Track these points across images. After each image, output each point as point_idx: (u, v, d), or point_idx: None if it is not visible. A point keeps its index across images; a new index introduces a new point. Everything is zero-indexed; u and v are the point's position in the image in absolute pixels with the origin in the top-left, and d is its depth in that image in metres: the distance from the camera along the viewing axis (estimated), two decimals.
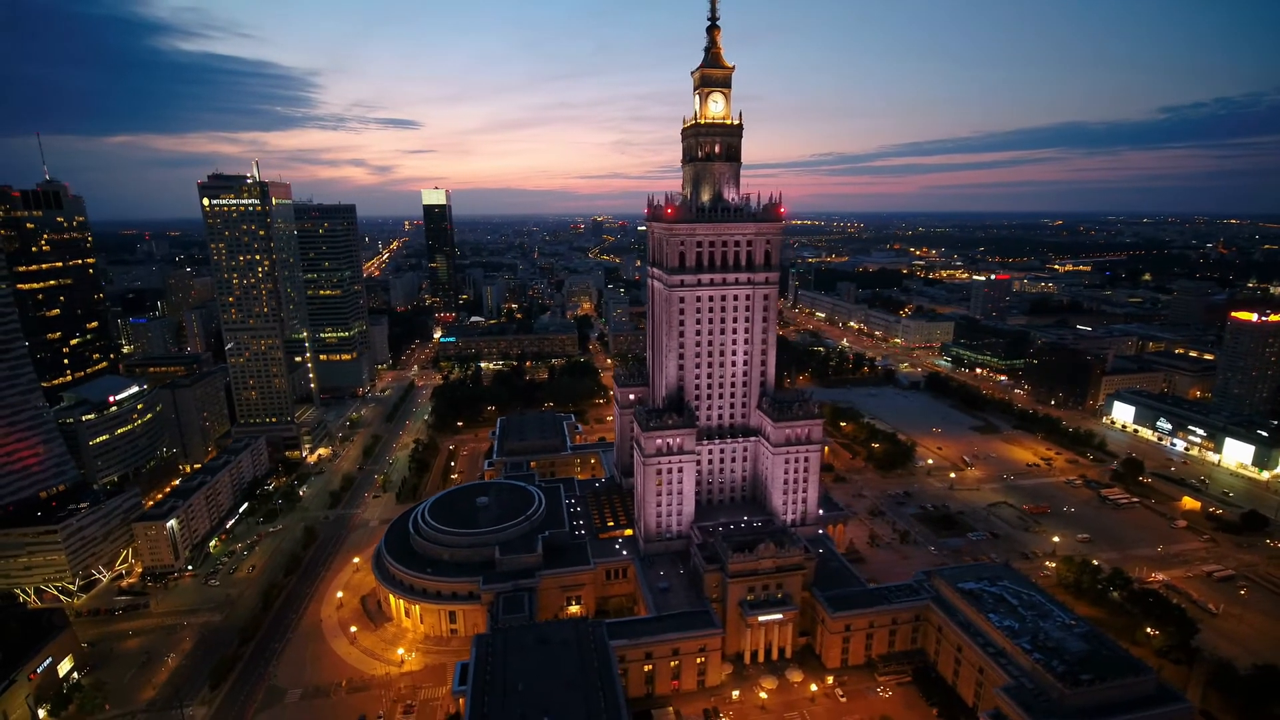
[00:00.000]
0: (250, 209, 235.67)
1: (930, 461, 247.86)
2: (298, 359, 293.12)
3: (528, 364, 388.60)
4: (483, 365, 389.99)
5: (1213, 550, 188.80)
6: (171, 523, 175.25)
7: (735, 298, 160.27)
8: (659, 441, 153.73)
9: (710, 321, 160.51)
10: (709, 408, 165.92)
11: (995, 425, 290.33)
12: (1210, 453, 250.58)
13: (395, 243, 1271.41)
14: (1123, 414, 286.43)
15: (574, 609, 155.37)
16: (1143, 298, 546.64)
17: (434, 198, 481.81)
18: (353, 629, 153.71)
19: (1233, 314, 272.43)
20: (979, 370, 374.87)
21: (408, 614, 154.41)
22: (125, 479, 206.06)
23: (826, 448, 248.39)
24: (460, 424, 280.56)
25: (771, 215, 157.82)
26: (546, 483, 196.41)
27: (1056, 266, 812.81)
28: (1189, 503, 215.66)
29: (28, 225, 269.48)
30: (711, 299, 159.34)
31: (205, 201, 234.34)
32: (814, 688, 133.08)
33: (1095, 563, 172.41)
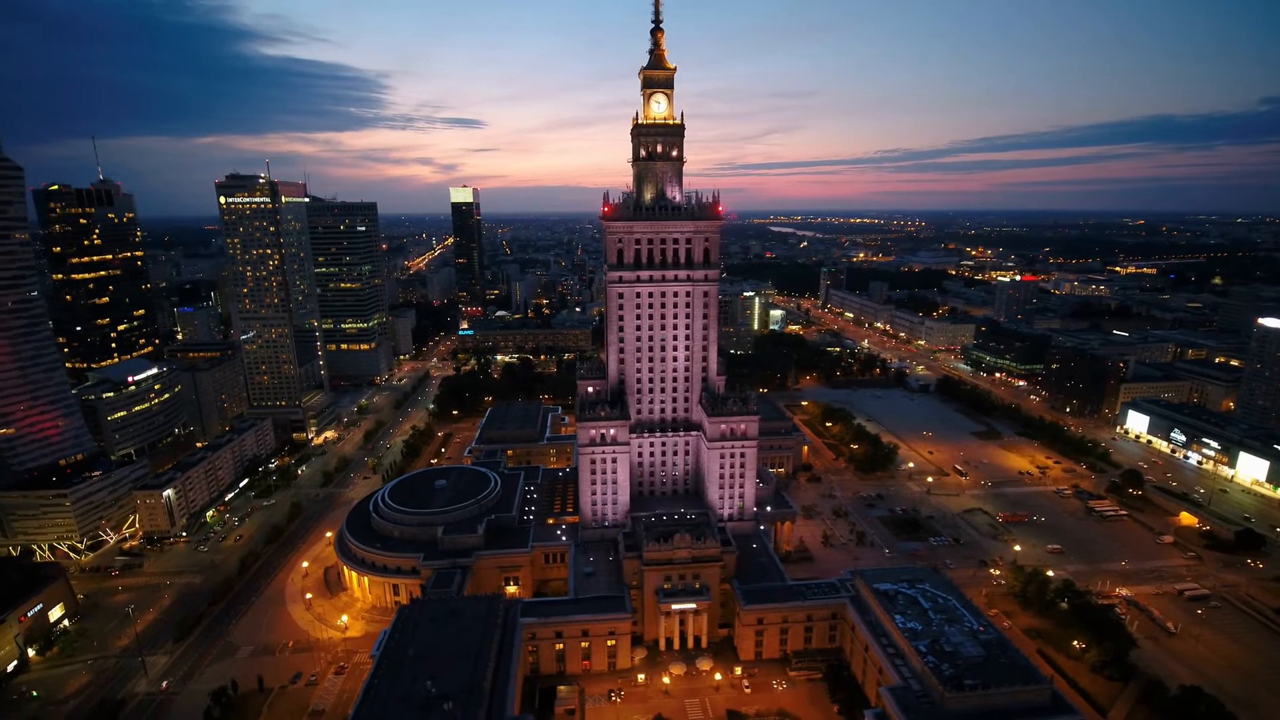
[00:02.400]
0: (261, 206, 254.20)
1: (911, 465, 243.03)
2: (320, 349, 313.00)
3: (541, 357, 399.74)
4: (499, 358, 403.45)
5: (1195, 568, 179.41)
6: (168, 492, 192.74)
7: (675, 294, 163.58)
8: (593, 432, 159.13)
9: (650, 317, 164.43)
10: (650, 401, 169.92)
11: (998, 431, 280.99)
12: (1225, 467, 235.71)
13: (450, 239, 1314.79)
14: (1137, 423, 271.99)
15: (512, 589, 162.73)
16: (1203, 303, 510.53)
17: (461, 196, 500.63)
18: (308, 596, 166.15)
19: (1258, 319, 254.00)
20: (998, 375, 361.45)
21: (360, 585, 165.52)
22: (141, 452, 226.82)
23: (806, 447, 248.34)
24: (455, 413, 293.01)
25: (709, 214, 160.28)
26: (511, 470, 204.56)
27: (1119, 269, 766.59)
28: (1186, 518, 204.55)
29: (81, 220, 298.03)
30: (651, 295, 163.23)
31: (221, 199, 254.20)
32: (719, 677, 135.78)
33: (1050, 573, 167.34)
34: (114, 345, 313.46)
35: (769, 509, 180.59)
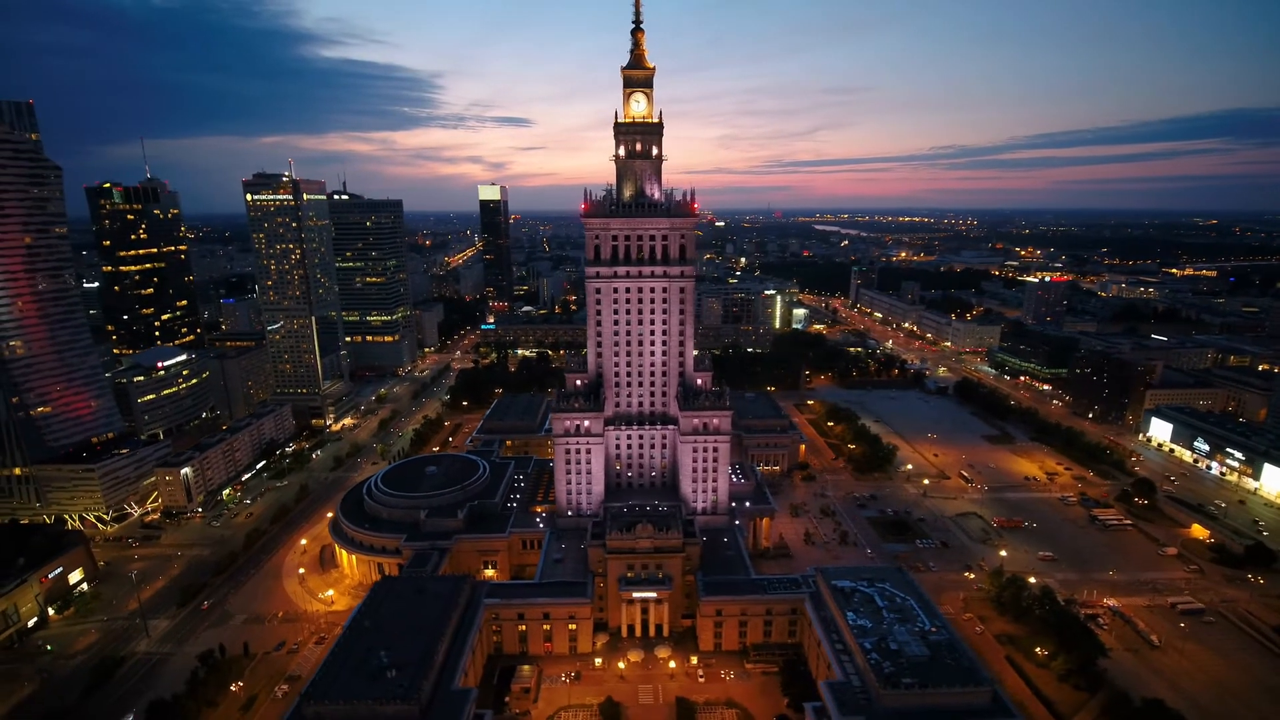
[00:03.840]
0: (284, 204, 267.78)
1: (910, 467, 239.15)
2: (347, 339, 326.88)
3: (560, 352, 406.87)
4: (520, 352, 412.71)
5: (1195, 581, 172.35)
6: (186, 470, 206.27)
7: (652, 290, 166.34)
8: (567, 423, 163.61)
9: (627, 312, 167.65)
10: (628, 395, 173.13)
11: (1011, 436, 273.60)
12: (1249, 479, 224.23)
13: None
14: (1160, 431, 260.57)
15: (490, 572, 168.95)
16: (1260, 307, 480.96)
17: (489, 193, 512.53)
18: (301, 571, 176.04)
19: None
20: (1022, 378, 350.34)
21: (349, 562, 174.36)
22: (169, 433, 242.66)
23: (804, 446, 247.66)
24: (465, 404, 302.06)
25: (684, 211, 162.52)
26: (503, 459, 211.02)
27: (1175, 270, 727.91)
28: (1198, 530, 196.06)
29: (128, 217, 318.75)
30: (629, 290, 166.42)
31: (248, 197, 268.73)
32: (673, 665, 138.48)
33: (1032, 580, 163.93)
34: (157, 334, 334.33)
35: (748, 504, 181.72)
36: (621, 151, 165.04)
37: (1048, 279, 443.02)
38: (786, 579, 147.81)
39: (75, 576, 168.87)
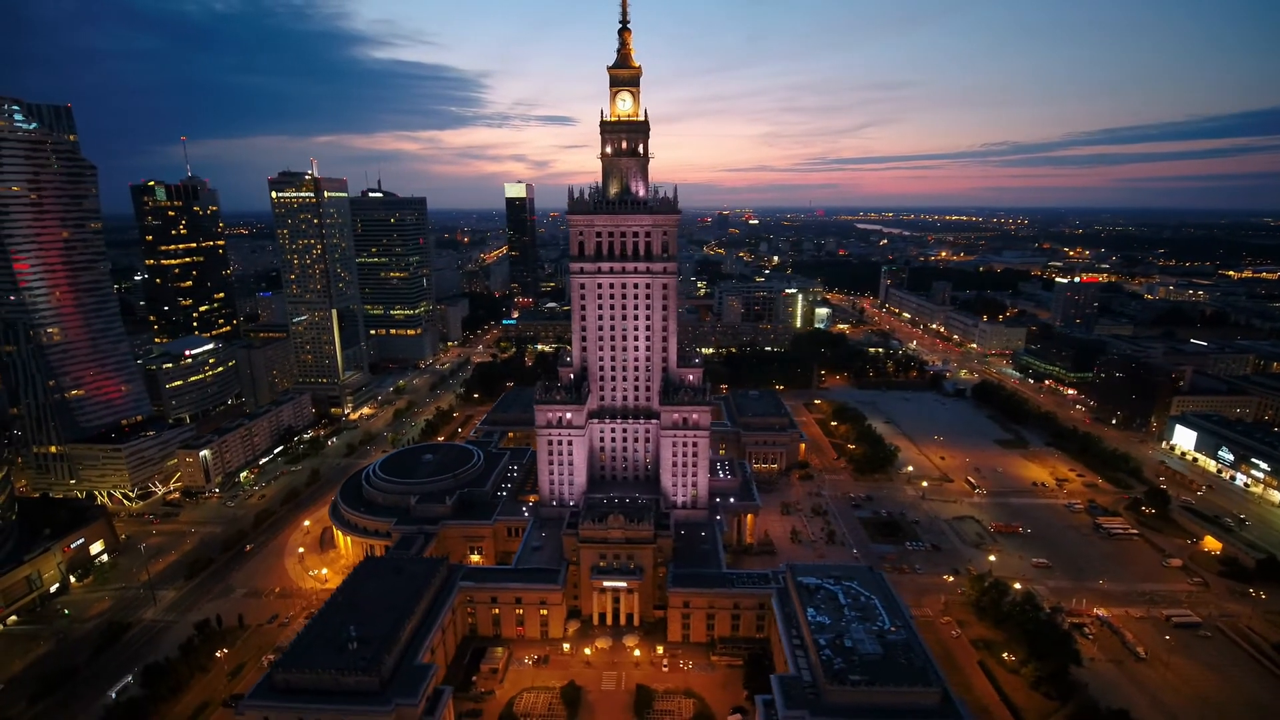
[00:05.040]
0: (306, 201, 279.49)
1: (911, 469, 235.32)
2: (371, 332, 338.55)
3: None
4: (539, 347, 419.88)
5: (1198, 595, 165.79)
6: (204, 453, 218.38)
7: (635, 286, 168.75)
8: (549, 415, 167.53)
9: (611, 308, 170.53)
10: (612, 389, 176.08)
11: (1025, 440, 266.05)
12: (1275, 490, 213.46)
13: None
14: (1184, 439, 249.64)
15: (475, 558, 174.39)
16: None
17: (514, 191, 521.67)
18: (300, 550, 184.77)
19: None
20: (1047, 382, 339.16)
21: (345, 543, 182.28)
22: (195, 418, 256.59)
23: (804, 445, 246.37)
24: (476, 396, 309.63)
25: (667, 208, 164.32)
26: (499, 449, 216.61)
27: (1232, 273, 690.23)
28: (1211, 543, 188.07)
29: (169, 213, 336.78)
30: (612, 286, 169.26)
31: (273, 194, 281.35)
32: (637, 653, 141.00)
33: (1017, 585, 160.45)
34: (195, 324, 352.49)
35: (733, 500, 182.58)
36: (608, 149, 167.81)
37: (1078, 279, 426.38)
38: (756, 574, 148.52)
39: (96, 547, 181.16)
